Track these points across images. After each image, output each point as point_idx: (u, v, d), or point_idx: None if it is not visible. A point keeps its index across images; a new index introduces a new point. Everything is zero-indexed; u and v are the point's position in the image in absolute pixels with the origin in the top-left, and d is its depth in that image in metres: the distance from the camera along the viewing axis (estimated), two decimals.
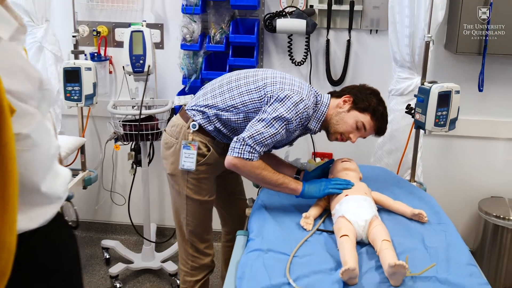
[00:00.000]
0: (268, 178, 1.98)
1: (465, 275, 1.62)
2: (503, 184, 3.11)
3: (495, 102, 2.98)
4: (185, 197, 2.15)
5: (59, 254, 1.10)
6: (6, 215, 0.87)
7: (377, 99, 2.14)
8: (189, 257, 2.25)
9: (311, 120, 2.13)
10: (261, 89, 2.01)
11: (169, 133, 2.14)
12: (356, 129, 2.09)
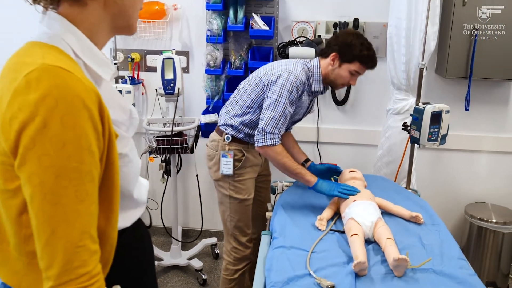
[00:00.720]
0: (288, 165, 2.10)
1: (457, 267, 1.69)
2: (486, 191, 3.16)
3: (479, 119, 3.02)
4: (228, 197, 2.28)
5: (143, 248, 1.21)
6: (112, 216, 0.98)
7: (359, 43, 2.13)
8: (232, 249, 2.37)
9: (312, 84, 2.20)
10: (259, 83, 2.15)
11: (210, 147, 2.30)
12: (352, 75, 2.16)
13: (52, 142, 0.81)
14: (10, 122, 0.83)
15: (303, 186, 2.37)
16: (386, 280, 1.61)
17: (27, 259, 0.95)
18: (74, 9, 0.95)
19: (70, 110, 0.82)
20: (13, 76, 0.86)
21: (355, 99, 3.07)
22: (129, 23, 1.06)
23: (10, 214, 0.92)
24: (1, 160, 0.88)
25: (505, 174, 3.12)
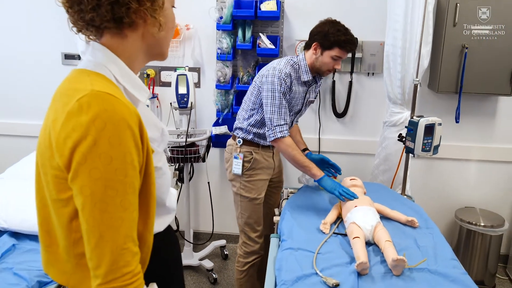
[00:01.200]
0: (297, 157, 2.17)
1: (450, 267, 1.73)
2: (475, 197, 3.17)
3: (468, 131, 3.03)
4: (239, 195, 2.36)
5: (173, 250, 1.26)
6: (149, 222, 1.03)
7: (336, 30, 2.14)
8: (242, 243, 2.44)
9: (301, 76, 2.24)
10: (255, 86, 2.24)
11: (227, 151, 2.40)
12: (335, 60, 2.18)
13: (101, 158, 0.87)
14: (65, 140, 0.89)
15: (307, 193, 2.42)
16: (385, 279, 1.65)
17: (75, 260, 1.01)
18: (115, 40, 1.02)
19: (116, 130, 0.88)
20: (66, 101, 0.93)
21: (354, 112, 3.10)
22: (162, 51, 1.12)
23: (62, 221, 0.98)
24: (55, 174, 0.95)
25: (492, 181, 3.14)
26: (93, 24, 0.99)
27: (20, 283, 1.71)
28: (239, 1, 2.86)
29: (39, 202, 1.07)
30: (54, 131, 0.93)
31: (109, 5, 0.95)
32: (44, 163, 0.99)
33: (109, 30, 1.01)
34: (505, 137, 3.04)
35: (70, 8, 0.99)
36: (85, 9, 0.96)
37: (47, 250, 1.08)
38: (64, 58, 3.17)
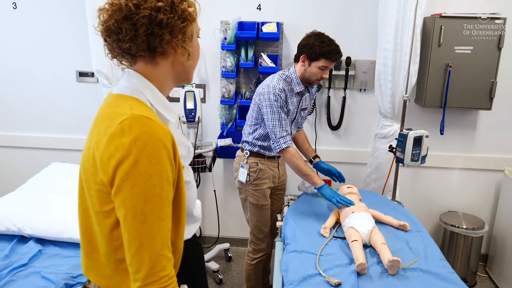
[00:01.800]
0: (300, 166, 2.21)
1: (439, 267, 1.81)
2: (457, 202, 3.21)
3: (452, 141, 3.08)
4: (248, 202, 2.42)
5: (198, 255, 1.33)
6: (180, 230, 1.07)
7: (320, 42, 2.14)
8: (251, 242, 2.52)
9: (294, 88, 2.26)
10: (255, 104, 2.29)
11: (236, 161, 2.46)
12: (322, 70, 2.19)
13: (141, 175, 0.92)
14: (108, 159, 0.94)
15: (307, 200, 2.47)
16: (382, 278, 1.72)
17: (115, 265, 1.06)
18: (148, 67, 1.07)
19: (154, 150, 0.94)
20: (108, 123, 0.98)
21: (347, 125, 3.14)
22: (189, 77, 1.17)
23: (104, 230, 1.03)
24: (98, 189, 1.00)
25: (473, 187, 3.19)
26: (129, 52, 1.04)
27: (49, 285, 1.75)
28: (242, 23, 2.92)
29: (81, 213, 1.12)
30: (98, 151, 0.98)
31: (145, 36, 1.01)
32: (88, 179, 1.04)
33: (143, 58, 1.06)
34: (484, 147, 3.10)
35: (108, 37, 1.04)
36: (122, 39, 1.01)
37: (88, 256, 1.12)
38: (79, 75, 3.21)
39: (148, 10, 0.99)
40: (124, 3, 0.99)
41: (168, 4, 1.01)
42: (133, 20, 0.99)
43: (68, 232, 2.06)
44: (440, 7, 2.79)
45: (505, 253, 2.98)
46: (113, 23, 1.01)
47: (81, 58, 3.15)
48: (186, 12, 1.04)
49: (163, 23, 1.01)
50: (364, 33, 2.94)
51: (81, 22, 3.01)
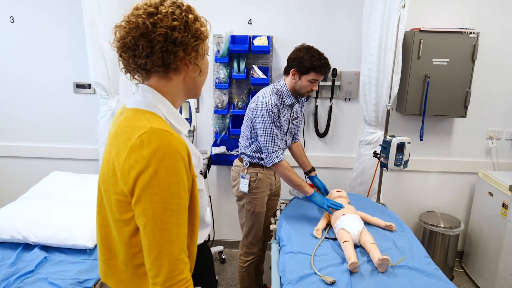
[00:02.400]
0: (292, 178, 2.24)
1: (425, 264, 1.86)
2: (435, 203, 3.29)
3: (430, 147, 3.16)
4: (245, 209, 2.42)
5: (209, 259, 1.36)
6: (194, 236, 1.09)
7: (310, 56, 2.14)
8: (243, 245, 2.52)
9: (285, 100, 2.26)
10: (249, 119, 2.30)
11: (234, 171, 2.44)
12: (312, 83, 2.20)
13: (160, 185, 0.94)
14: (129, 171, 0.96)
15: (298, 204, 2.50)
16: (373, 275, 1.77)
17: (133, 270, 1.07)
18: (161, 82, 1.09)
19: (173, 161, 0.96)
20: (127, 136, 1.00)
21: (333, 132, 3.19)
22: (198, 92, 1.20)
23: (123, 238, 1.05)
24: (118, 198, 1.01)
25: (450, 189, 3.27)
26: (144, 67, 1.06)
27: None
28: (234, 37, 2.96)
29: (100, 222, 1.13)
30: (118, 163, 0.99)
31: (160, 53, 1.03)
32: (107, 189, 1.05)
33: (157, 73, 1.08)
34: (460, 152, 3.20)
35: (124, 53, 1.05)
36: (139, 55, 1.03)
37: (106, 262, 1.14)
38: (76, 87, 3.20)
39: (164, 29, 1.01)
40: (141, 21, 1.01)
41: (183, 23, 1.04)
42: (149, 38, 1.01)
43: (72, 239, 2.05)
44: (418, 22, 2.88)
45: (478, 249, 3.07)
46: (130, 40, 1.02)
47: (79, 70, 3.13)
48: (199, 31, 1.07)
49: (177, 41, 1.03)
50: (349, 47, 3.01)
51: (78, 35, 3.01)
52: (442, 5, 2.92)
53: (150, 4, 1.04)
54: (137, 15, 1.02)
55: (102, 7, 2.75)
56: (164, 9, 1.02)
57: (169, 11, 1.02)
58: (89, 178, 2.74)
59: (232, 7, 2.98)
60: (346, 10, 2.96)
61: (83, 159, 3.30)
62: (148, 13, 1.02)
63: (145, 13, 1.02)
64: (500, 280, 2.77)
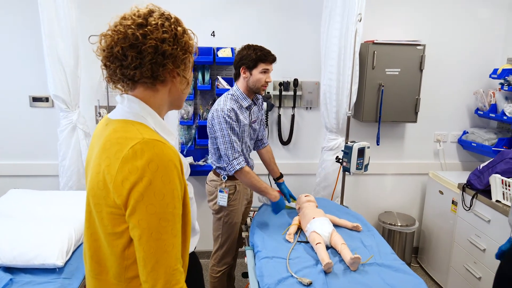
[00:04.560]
0: (255, 183, 2.24)
1: (391, 260, 1.96)
2: (392, 203, 3.44)
3: (386, 150, 3.31)
4: (222, 221, 2.39)
5: (198, 266, 1.34)
6: (186, 244, 1.08)
7: (253, 49, 2.18)
8: (218, 256, 2.48)
9: (241, 103, 2.25)
10: (211, 132, 2.28)
11: (211, 185, 2.40)
12: (264, 73, 2.21)
13: (156, 195, 0.93)
14: (122, 182, 0.93)
15: (268, 210, 2.51)
16: (346, 274, 1.84)
17: (125, 284, 1.04)
18: (147, 93, 1.06)
19: (167, 171, 0.94)
20: (118, 148, 0.97)
21: (296, 140, 3.26)
22: (181, 103, 1.18)
23: (116, 251, 1.01)
24: (111, 211, 0.98)
25: (404, 189, 3.45)
26: (132, 78, 1.03)
27: None
28: (199, 48, 2.96)
29: (89, 237, 1.09)
30: (110, 175, 0.96)
31: (150, 64, 1.01)
32: (98, 203, 1.02)
33: (144, 84, 1.05)
34: (412, 155, 3.39)
35: (111, 63, 1.02)
36: (127, 65, 1.00)
37: (97, 278, 1.09)
38: (32, 100, 3.04)
39: (154, 41, 1.00)
40: (131, 32, 0.99)
41: (172, 36, 1.03)
42: (139, 49, 0.99)
43: (40, 258, 1.94)
44: (372, 34, 3.05)
45: (431, 245, 3.26)
46: (118, 50, 0.99)
47: (35, 83, 2.98)
48: (187, 44, 1.06)
49: (167, 53, 1.02)
50: (309, 58, 3.11)
51: (35, 46, 2.87)
52: (393, 19, 3.12)
53: (139, 15, 1.02)
54: (125, 25, 1.00)
55: (61, 17, 2.66)
56: (153, 21, 1.01)
57: (158, 23, 1.01)
58: (50, 194, 2.61)
59: (195, 19, 3.00)
60: (306, 23, 3.07)
61: (42, 175, 3.12)
62: (138, 24, 1.00)
63: (134, 23, 1.00)
64: (453, 272, 2.96)
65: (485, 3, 3.20)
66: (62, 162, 2.93)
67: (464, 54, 3.24)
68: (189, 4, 2.98)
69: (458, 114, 3.37)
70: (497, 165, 2.56)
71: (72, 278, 1.93)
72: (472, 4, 3.19)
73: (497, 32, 3.25)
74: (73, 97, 2.81)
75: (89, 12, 2.83)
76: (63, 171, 2.93)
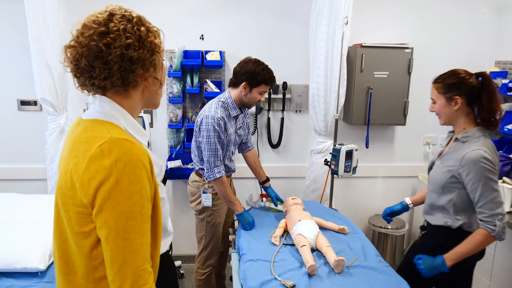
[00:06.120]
0: (227, 194, 2.27)
1: (376, 262, 1.95)
2: (382, 206, 3.19)
3: (375, 153, 3.30)
4: (205, 222, 2.38)
5: (172, 268, 1.33)
6: (157, 245, 1.07)
7: (261, 69, 2.19)
8: (202, 258, 2.47)
9: (230, 112, 2.26)
10: (196, 132, 2.30)
11: (193, 186, 2.39)
12: (261, 95, 2.26)
13: (122, 194, 0.92)
14: (89, 181, 0.92)
15: (256, 213, 2.52)
16: (330, 276, 1.82)
17: (94, 284, 1.02)
18: (119, 97, 1.06)
19: (135, 170, 0.93)
20: (86, 147, 0.96)
21: (285, 143, 3.25)
22: (157, 102, 1.17)
23: (83, 251, 1.00)
24: (77, 211, 0.97)
25: (394, 192, 3.43)
26: (104, 88, 1.02)
27: None
28: (187, 52, 2.97)
29: (58, 237, 1.08)
30: (77, 174, 0.96)
31: (119, 73, 0.99)
32: (65, 202, 1.01)
33: (116, 91, 1.04)
34: (401, 158, 3.38)
35: (80, 75, 1.01)
36: (96, 76, 0.99)
37: (66, 278, 1.08)
38: (20, 104, 3.03)
39: (119, 49, 0.98)
40: (94, 44, 0.97)
41: (137, 39, 1.00)
42: (105, 59, 0.98)
43: (22, 262, 1.92)
44: (360, 37, 3.05)
45: None
46: (84, 63, 0.98)
47: (23, 86, 2.96)
48: (153, 44, 1.04)
49: (134, 59, 1.00)
50: (298, 61, 3.11)
51: (22, 50, 2.86)
52: (382, 22, 3.13)
53: (99, 22, 0.99)
54: (88, 36, 0.98)
55: (48, 21, 2.66)
56: (115, 27, 0.99)
57: (120, 28, 0.99)
58: (36, 198, 2.58)
59: (184, 22, 2.99)
60: (295, 26, 3.07)
61: (30, 179, 3.10)
62: (99, 33, 0.98)
63: (95, 33, 0.98)
64: None
65: (473, 6, 3.21)
66: (50, 166, 2.92)
67: (452, 57, 3.24)
68: (177, 8, 2.98)
69: None
70: None
71: (54, 282, 1.89)
72: (460, 7, 3.20)
73: (485, 35, 3.26)
74: (61, 100, 2.79)
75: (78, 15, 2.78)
76: (51, 175, 2.92)
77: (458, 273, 1.82)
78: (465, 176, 1.71)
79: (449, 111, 1.82)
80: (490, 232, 1.68)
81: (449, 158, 1.81)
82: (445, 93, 1.80)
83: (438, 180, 1.84)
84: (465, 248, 1.73)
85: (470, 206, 1.76)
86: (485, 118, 1.75)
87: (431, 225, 1.92)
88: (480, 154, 1.67)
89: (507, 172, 2.46)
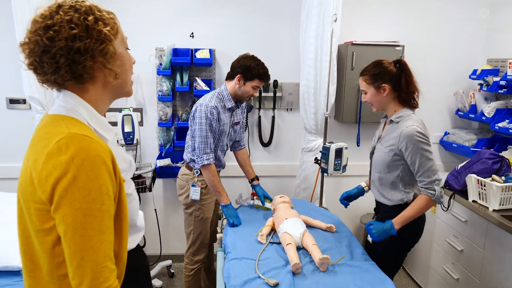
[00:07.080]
0: (215, 183, 2.28)
1: (362, 260, 1.95)
2: (373, 205, 3.39)
3: (367, 152, 3.01)
4: (193, 216, 2.39)
5: (143, 262, 1.31)
6: (123, 241, 1.05)
7: (256, 64, 2.25)
8: (190, 254, 2.48)
9: (225, 103, 2.31)
10: (191, 119, 2.33)
11: (182, 179, 2.41)
12: (254, 89, 2.29)
13: (80, 191, 0.90)
14: (46, 178, 0.91)
15: (244, 211, 2.51)
16: (314, 275, 1.81)
17: (58, 281, 1.01)
18: (78, 92, 1.03)
19: (93, 166, 0.91)
20: (45, 143, 0.95)
21: (277, 141, 3.25)
22: (126, 91, 1.13)
23: (46, 248, 0.99)
24: (37, 207, 0.96)
25: None
26: (57, 83, 1.01)
27: None
28: (177, 50, 2.96)
29: (21, 234, 1.07)
30: (35, 171, 0.94)
31: (67, 66, 0.97)
32: (26, 199, 0.99)
33: (71, 86, 1.02)
34: None
35: (36, 71, 1.00)
36: (47, 71, 0.98)
37: (31, 275, 1.07)
38: (9, 102, 3.02)
39: (63, 41, 0.95)
40: (39, 38, 0.95)
41: (83, 29, 0.98)
42: (51, 53, 0.96)
43: (3, 260, 1.91)
44: (351, 35, 3.04)
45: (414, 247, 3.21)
46: (35, 59, 0.97)
47: (12, 84, 2.95)
48: (102, 33, 1.00)
49: (81, 50, 0.97)
50: (288, 59, 3.09)
51: (10, 48, 2.86)
52: (373, 19, 3.11)
53: (45, 16, 0.97)
54: (34, 32, 0.96)
55: None
56: (59, 18, 0.96)
57: (65, 19, 0.96)
58: None
59: (173, 20, 2.99)
60: (286, 24, 3.05)
61: None
62: (44, 27, 0.96)
63: (41, 28, 0.96)
64: (433, 273, 2.93)
65: (465, 4, 3.20)
66: None
67: (444, 54, 3.23)
68: (167, 6, 2.97)
69: (440, 115, 3.35)
70: (473, 165, 2.54)
71: None
72: (452, 4, 3.19)
73: (477, 33, 3.24)
74: (49, 98, 2.77)
75: None
76: None
77: (396, 252, 2.08)
78: (404, 150, 1.91)
79: (380, 98, 2.03)
80: (430, 196, 1.90)
81: (388, 139, 2.01)
82: (373, 83, 2.01)
83: (382, 160, 2.03)
84: (410, 213, 1.93)
85: (414, 178, 1.96)
86: (406, 99, 1.99)
87: (389, 207, 2.06)
88: (414, 129, 1.87)
89: (497, 170, 2.44)
